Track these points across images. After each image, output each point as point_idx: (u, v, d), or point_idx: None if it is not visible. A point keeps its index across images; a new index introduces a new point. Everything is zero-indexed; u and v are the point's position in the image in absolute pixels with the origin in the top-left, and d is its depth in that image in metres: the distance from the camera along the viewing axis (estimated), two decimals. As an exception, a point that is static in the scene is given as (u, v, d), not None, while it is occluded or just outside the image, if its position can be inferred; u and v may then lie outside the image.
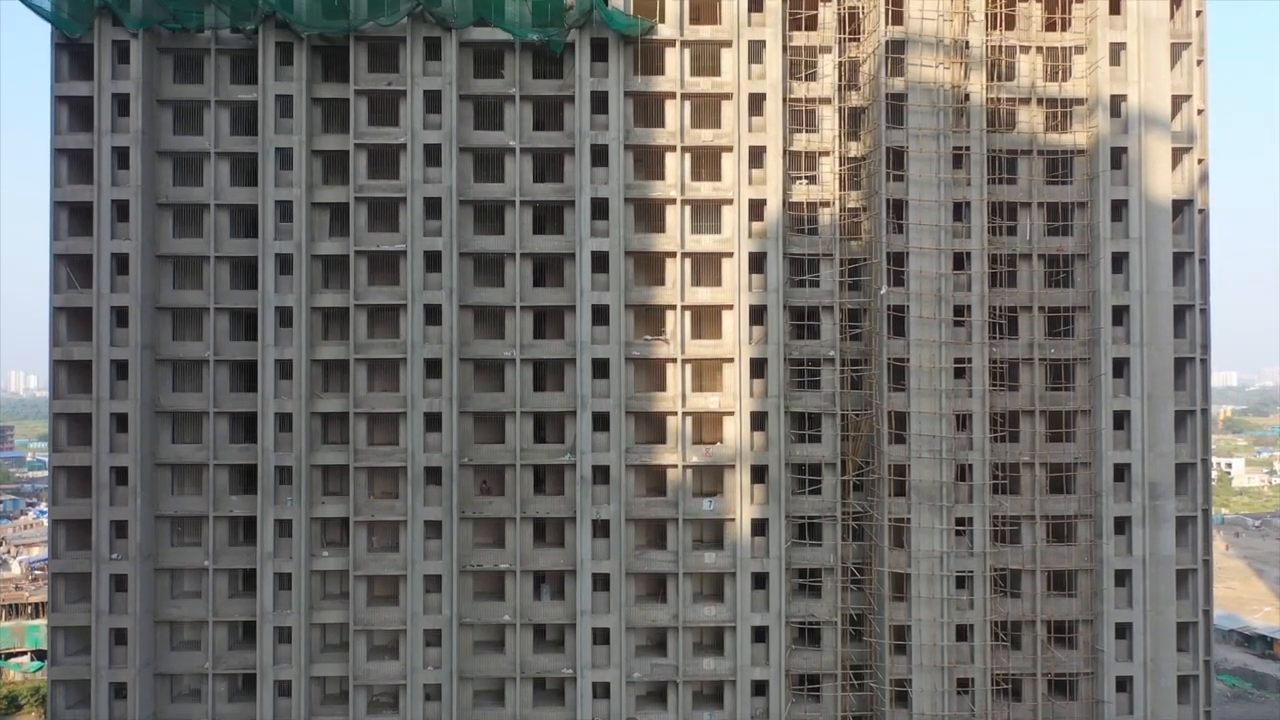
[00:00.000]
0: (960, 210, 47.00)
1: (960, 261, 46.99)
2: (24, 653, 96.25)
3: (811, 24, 48.39)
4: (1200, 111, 49.69)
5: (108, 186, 46.65)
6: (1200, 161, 49.74)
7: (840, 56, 47.94)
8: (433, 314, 46.94)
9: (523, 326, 47.25)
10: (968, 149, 46.86)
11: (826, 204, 47.86)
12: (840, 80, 48.00)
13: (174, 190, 47.86)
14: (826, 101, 47.98)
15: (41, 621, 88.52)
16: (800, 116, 48.13)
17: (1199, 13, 49.79)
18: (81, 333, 47.30)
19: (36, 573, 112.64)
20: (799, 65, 47.93)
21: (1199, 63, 49.73)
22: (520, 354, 47.09)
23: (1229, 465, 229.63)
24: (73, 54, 47.45)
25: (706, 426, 48.98)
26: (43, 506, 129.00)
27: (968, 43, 46.91)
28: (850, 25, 48.43)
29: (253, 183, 48.01)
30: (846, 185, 48.24)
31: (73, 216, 47.53)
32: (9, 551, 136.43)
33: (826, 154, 48.03)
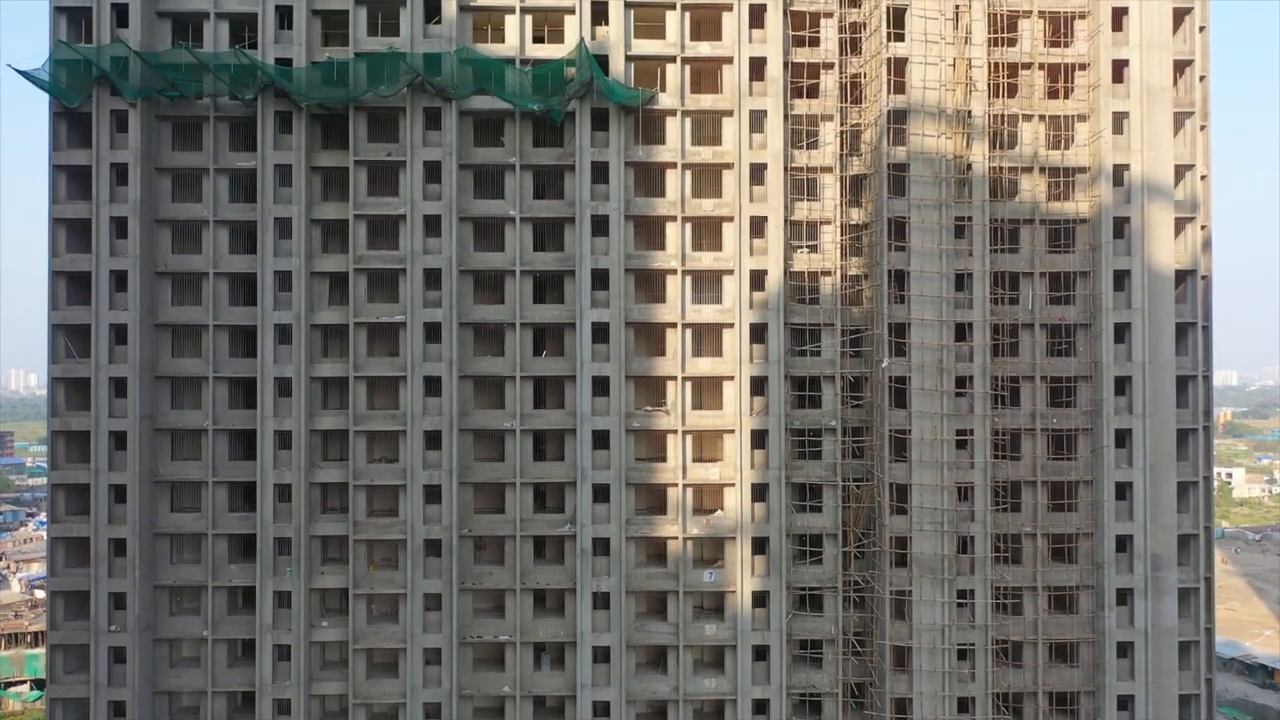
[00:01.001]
0: (962, 280, 46.77)
1: (962, 332, 46.78)
2: (23, 681, 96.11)
3: (813, 92, 48.18)
4: (1204, 177, 49.51)
5: (106, 257, 46.43)
6: (1204, 228, 49.55)
7: (842, 125, 47.70)
8: (433, 385, 46.74)
9: (523, 396, 47.07)
10: (970, 219, 46.65)
11: (828, 273, 47.67)
12: (842, 149, 47.75)
13: (173, 258, 47.64)
14: (828, 170, 47.79)
15: (41, 650, 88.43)
16: (802, 185, 47.93)
17: (1202, 78, 49.59)
18: (80, 402, 47.09)
19: (36, 591, 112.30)
20: (800, 134, 47.72)
21: (1202, 128, 49.55)
22: (520, 424, 46.90)
23: (1229, 475, 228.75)
24: (71, 122, 47.20)
25: (707, 495, 48.79)
26: (42, 517, 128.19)
27: (970, 112, 46.69)
28: (852, 93, 48.23)
29: (252, 249, 47.81)
30: (848, 253, 48.01)
31: (71, 285, 47.30)
32: (8, 567, 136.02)
33: (828, 222, 47.85)
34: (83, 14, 46.99)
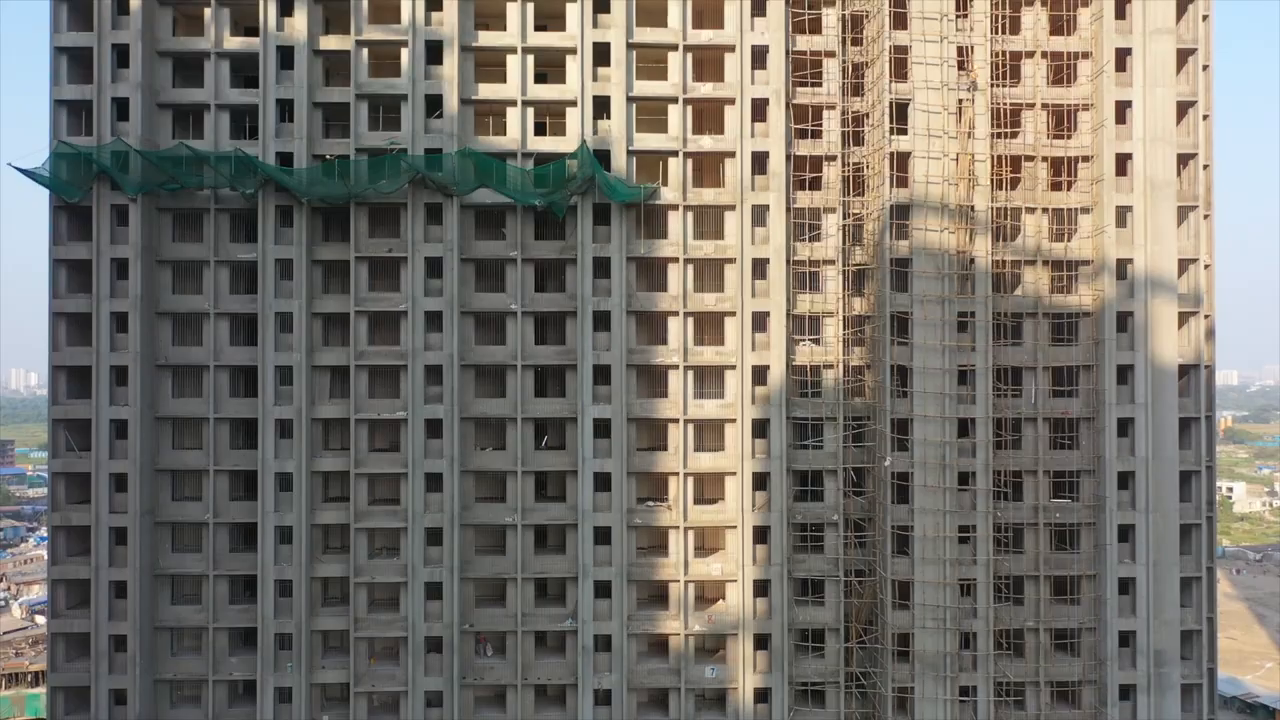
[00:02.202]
0: (965, 374, 46.64)
1: (965, 427, 46.65)
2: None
3: (815, 185, 48.04)
4: (1207, 266, 49.36)
5: (106, 352, 46.32)
6: (1207, 317, 49.39)
7: (845, 218, 47.58)
8: (434, 481, 46.61)
9: (524, 490, 46.94)
10: (972, 314, 46.51)
11: (830, 366, 47.57)
12: (844, 242, 47.63)
13: (173, 350, 47.54)
14: (830, 263, 47.68)
15: (41, 690, 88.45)
16: (804, 278, 47.79)
17: (1206, 167, 49.42)
18: (80, 495, 47.04)
19: (37, 616, 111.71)
20: (803, 227, 47.59)
21: (1206, 217, 49.39)
22: (522, 519, 46.78)
23: (1230, 490, 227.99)
24: (71, 215, 47.11)
25: (709, 585, 48.65)
26: (43, 533, 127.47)
27: (973, 207, 46.54)
28: (855, 185, 48.07)
29: (252, 341, 47.70)
30: (850, 344, 47.91)
31: (71, 380, 47.19)
32: (9, 589, 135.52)
33: (831, 315, 47.71)
34: (83, 107, 46.88)
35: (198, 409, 47.41)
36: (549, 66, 48.14)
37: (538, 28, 47.54)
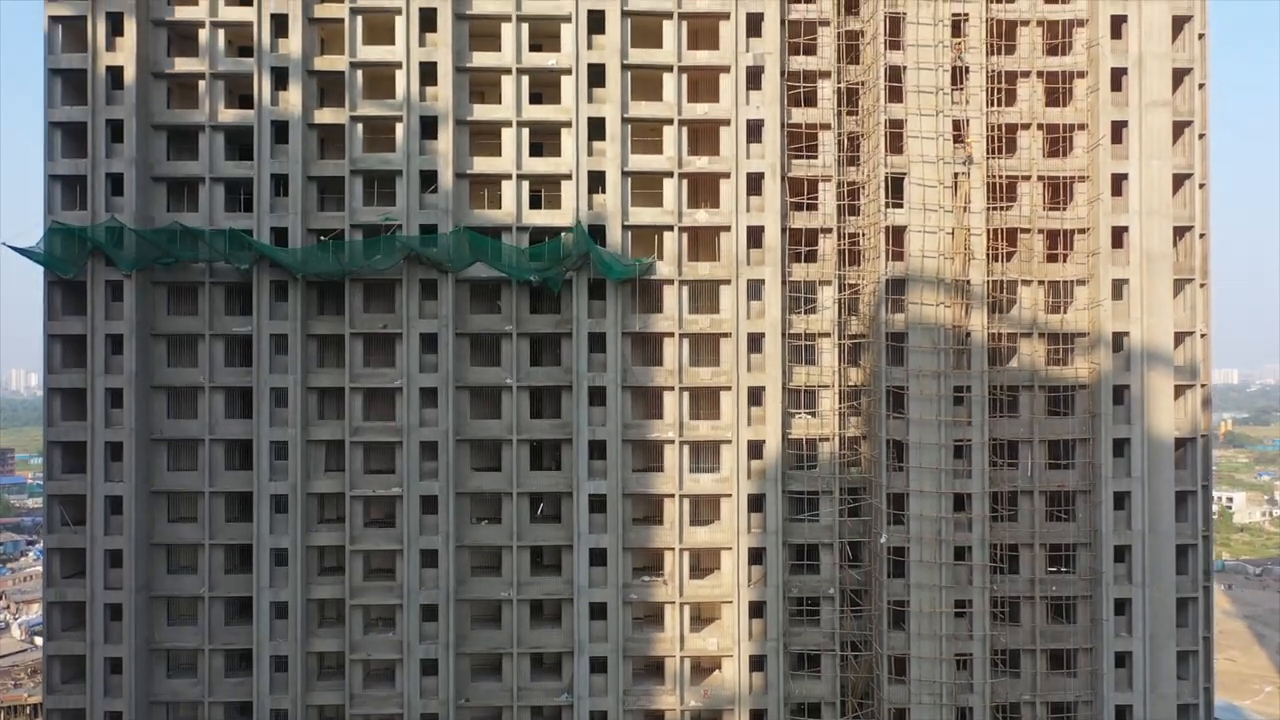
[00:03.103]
0: (961, 448, 46.57)
1: (961, 502, 46.59)
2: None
3: (811, 257, 47.97)
4: (1204, 335, 49.28)
5: (101, 429, 46.27)
6: (1204, 386, 49.33)
7: (840, 291, 47.51)
8: (429, 557, 46.53)
9: (519, 564, 46.90)
10: (968, 388, 46.44)
11: (826, 439, 47.49)
12: (839, 315, 47.57)
13: (168, 424, 47.49)
14: (826, 335, 47.62)
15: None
16: (799, 351, 47.73)
17: (1202, 236, 49.35)
18: (75, 568, 47.02)
19: (36, 638, 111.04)
20: (798, 300, 47.53)
21: (1202, 285, 49.31)
22: (517, 594, 46.73)
23: (1229, 500, 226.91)
24: (66, 290, 47.06)
25: (706, 658, 48.59)
26: (43, 547, 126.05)
27: (969, 281, 46.46)
28: (850, 258, 48.00)
29: (248, 413, 47.64)
30: (846, 416, 47.85)
31: (66, 455, 47.15)
32: (8, 609, 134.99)
33: (826, 387, 47.65)
34: (78, 182, 46.80)
35: (193, 482, 47.36)
36: (545, 138, 48.10)
37: (533, 99, 47.54)
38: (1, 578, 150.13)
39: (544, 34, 47.98)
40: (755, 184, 47.18)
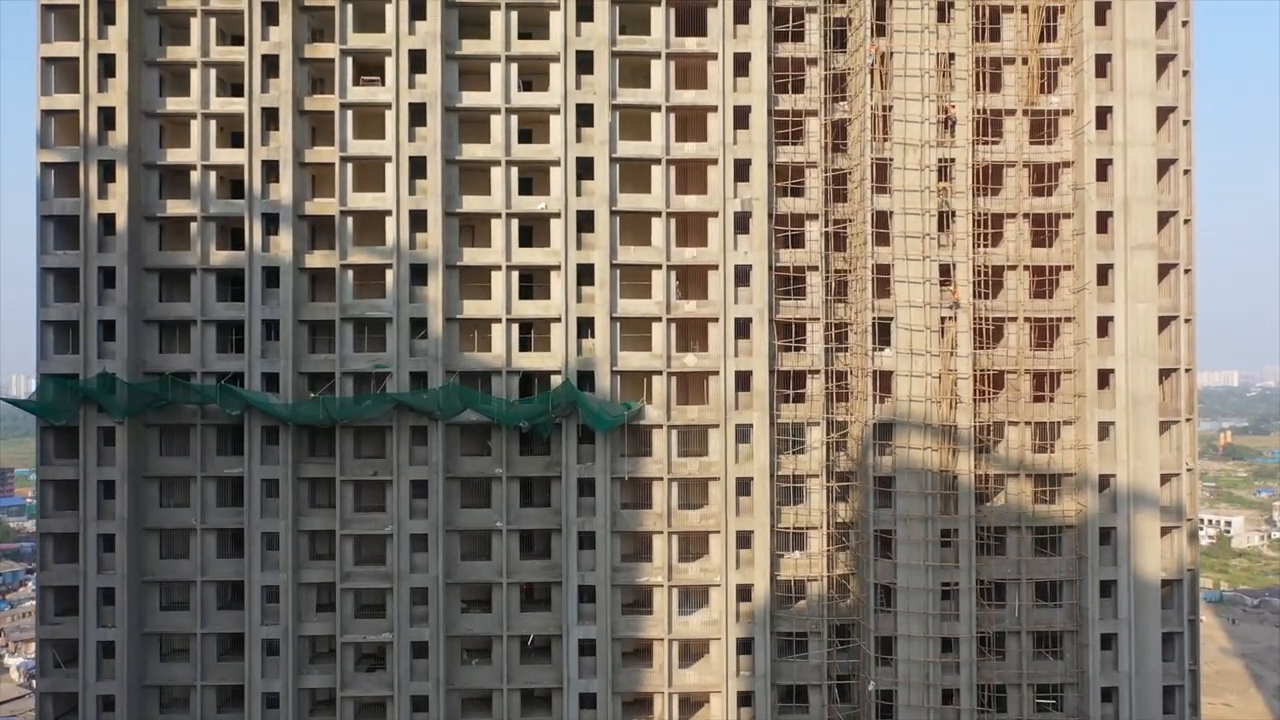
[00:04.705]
0: (949, 591, 46.79)
1: (949, 643, 46.81)
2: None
3: (799, 398, 48.24)
4: (1189, 470, 49.51)
5: (93, 574, 46.57)
6: (1189, 520, 49.53)
7: (828, 435, 47.79)
8: (420, 702, 46.72)
9: (509, 706, 47.05)
10: (956, 531, 46.70)
11: (815, 579, 47.75)
12: (828, 456, 47.85)
13: (160, 564, 47.73)
14: (814, 476, 47.88)
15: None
16: (788, 492, 47.98)
17: (1189, 370, 49.63)
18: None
19: (35, 681, 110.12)
20: (787, 443, 47.80)
21: (1188, 420, 49.57)
22: (508, 736, 47.00)
23: (1228, 525, 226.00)
24: (58, 435, 47.39)
25: (695, 794, 48.85)
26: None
27: (956, 425, 46.72)
28: (838, 397, 48.28)
29: (239, 553, 47.85)
30: (834, 555, 48.09)
31: (58, 598, 47.45)
32: (7, 647, 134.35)
33: (815, 528, 47.92)
34: (70, 327, 47.12)
35: (185, 623, 47.57)
36: (534, 281, 48.45)
37: (521, 242, 47.84)
38: (0, 613, 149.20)
39: (534, 169, 48.33)
40: (744, 328, 47.47)
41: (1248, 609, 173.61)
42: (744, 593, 47.42)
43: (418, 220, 47.14)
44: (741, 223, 47.55)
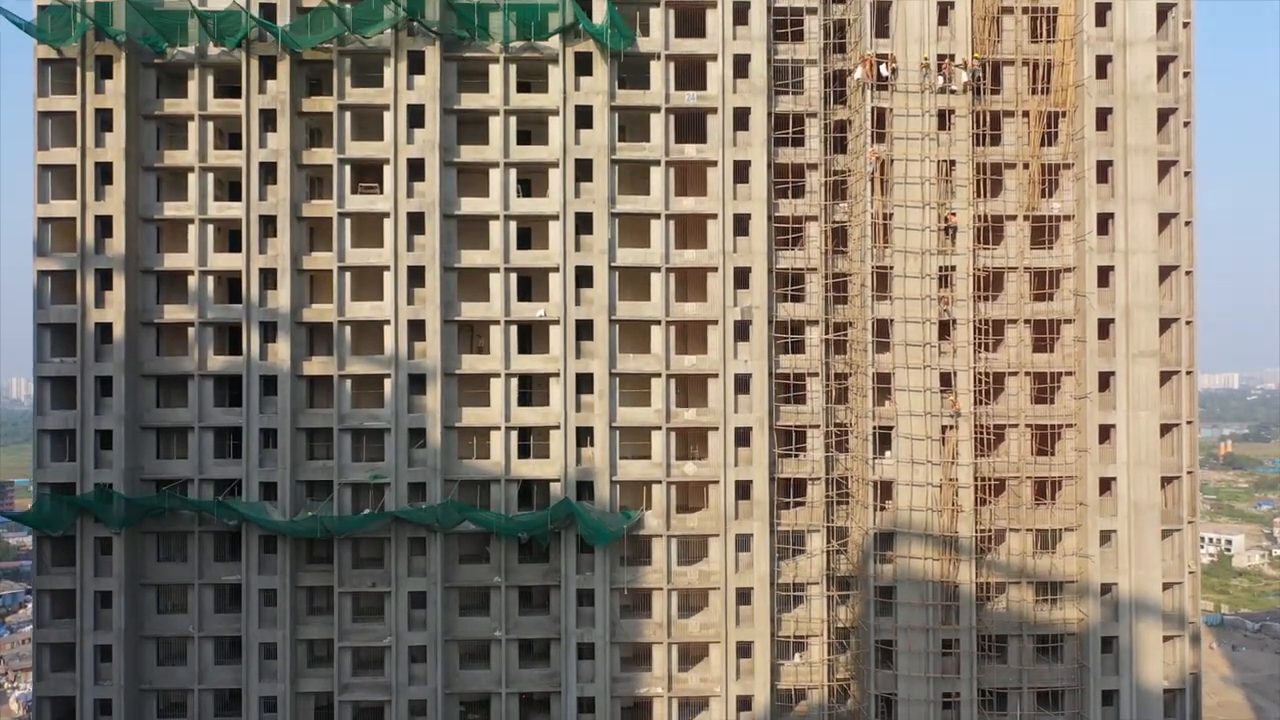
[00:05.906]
0: (950, 700, 46.55)
1: (948, 734, 46.61)
2: None
3: (800, 505, 48.02)
4: (1191, 572, 49.26)
5: (90, 685, 46.37)
6: (1191, 623, 49.27)
7: (829, 542, 47.64)
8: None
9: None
10: (957, 641, 46.48)
11: (815, 687, 47.67)
12: (828, 565, 47.68)
13: (158, 672, 47.55)
14: (815, 583, 47.80)
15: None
16: (788, 600, 47.76)
17: (1190, 473, 49.40)
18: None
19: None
20: (787, 550, 47.61)
21: (1190, 523, 49.29)
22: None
23: (1229, 544, 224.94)
24: (55, 543, 47.33)
25: None
26: None
27: (957, 534, 46.50)
28: (838, 502, 48.08)
29: (237, 660, 47.60)
30: (835, 662, 47.92)
31: (55, 655, 47.29)
32: (6, 676, 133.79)
33: (816, 636, 47.79)
34: (67, 435, 46.95)
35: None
36: (534, 388, 48.27)
37: (521, 349, 47.62)
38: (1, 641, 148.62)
39: (531, 270, 48.06)
40: (744, 437, 47.28)
41: (1248, 634, 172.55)
42: (744, 703, 47.22)
43: (416, 327, 46.94)
44: (742, 330, 47.34)
